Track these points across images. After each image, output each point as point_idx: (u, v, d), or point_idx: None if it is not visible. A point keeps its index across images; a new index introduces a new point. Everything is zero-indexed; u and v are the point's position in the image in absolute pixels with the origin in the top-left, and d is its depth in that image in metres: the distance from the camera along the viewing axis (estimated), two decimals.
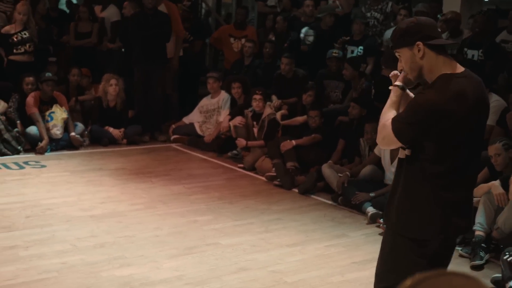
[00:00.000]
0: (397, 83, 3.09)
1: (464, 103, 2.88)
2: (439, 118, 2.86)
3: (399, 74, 3.11)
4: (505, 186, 5.34)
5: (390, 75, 3.16)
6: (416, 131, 2.91)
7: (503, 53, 7.84)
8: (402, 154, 3.07)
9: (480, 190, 5.37)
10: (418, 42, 2.94)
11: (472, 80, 2.98)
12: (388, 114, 3.03)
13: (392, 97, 3.08)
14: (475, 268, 5.12)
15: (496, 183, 5.35)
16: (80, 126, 8.55)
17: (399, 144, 3.00)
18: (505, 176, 5.47)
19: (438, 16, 8.75)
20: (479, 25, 7.65)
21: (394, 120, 2.96)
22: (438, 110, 2.86)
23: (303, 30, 9.08)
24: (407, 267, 3.09)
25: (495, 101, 6.40)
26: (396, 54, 3.07)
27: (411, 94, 3.18)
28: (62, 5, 12.03)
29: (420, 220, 3.02)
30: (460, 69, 2.98)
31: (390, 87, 3.11)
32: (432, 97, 2.88)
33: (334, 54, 8.38)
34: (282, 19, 9.56)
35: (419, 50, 2.95)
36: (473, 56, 7.60)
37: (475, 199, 5.03)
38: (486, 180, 5.58)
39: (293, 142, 7.50)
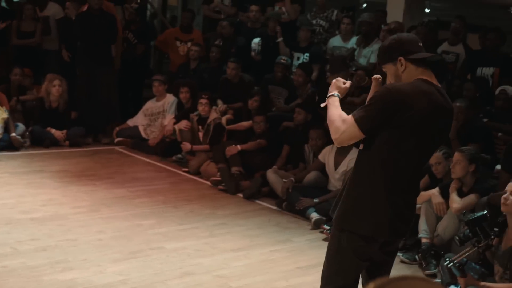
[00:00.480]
0: (333, 92, 3.20)
1: (428, 104, 2.99)
2: (400, 106, 2.96)
3: (380, 78, 3.23)
4: (444, 193, 5.49)
5: (372, 77, 3.26)
6: (379, 117, 2.99)
7: (443, 64, 8.06)
8: (360, 146, 3.17)
9: (420, 198, 5.48)
10: (400, 58, 3.09)
11: (443, 95, 3.10)
12: (338, 112, 3.10)
13: (335, 103, 3.17)
14: (429, 276, 5.24)
15: (436, 192, 5.49)
16: (21, 126, 8.37)
17: (357, 138, 3.05)
18: (445, 184, 5.62)
19: (382, 26, 8.94)
20: (421, 36, 7.81)
21: (357, 111, 3.05)
22: (401, 99, 2.96)
23: (256, 40, 9.08)
24: (351, 269, 3.19)
25: None
26: (383, 70, 3.20)
27: None
28: (1, 2, 11.72)
29: (366, 216, 3.10)
30: (436, 83, 3.12)
31: (322, 105, 3.22)
32: (400, 86, 3.02)
33: (282, 61, 8.43)
34: (229, 24, 9.58)
35: (401, 65, 3.10)
36: None
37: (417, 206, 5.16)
38: (427, 188, 5.72)
39: (239, 147, 7.53)
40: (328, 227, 5.94)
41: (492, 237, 4.17)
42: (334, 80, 3.28)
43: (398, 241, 3.37)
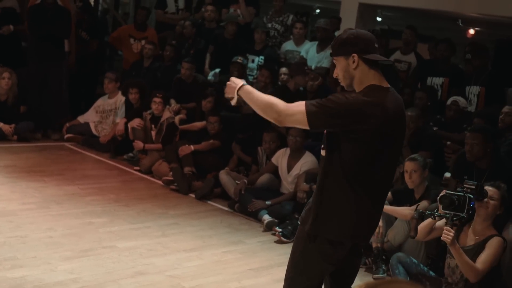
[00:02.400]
0: (240, 83, 3.22)
1: (383, 113, 3.01)
2: (355, 118, 2.98)
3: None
4: (396, 199, 5.60)
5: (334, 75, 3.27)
6: (329, 122, 3.01)
7: (394, 72, 8.22)
8: (323, 152, 3.20)
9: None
10: (353, 54, 3.08)
11: (394, 96, 3.14)
12: (267, 96, 3.14)
13: (252, 89, 3.20)
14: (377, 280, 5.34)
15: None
16: None
17: (301, 126, 3.06)
18: (396, 189, 5.75)
19: (335, 32, 9.06)
20: None
21: (310, 103, 3.03)
22: (356, 110, 2.98)
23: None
24: (316, 271, 3.21)
25: None
26: (334, 61, 3.20)
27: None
28: None
29: (332, 220, 3.12)
30: (387, 84, 3.14)
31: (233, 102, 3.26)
32: (355, 96, 3.03)
33: (238, 60, 8.43)
34: (191, 24, 9.55)
35: (353, 61, 3.08)
36: None
37: None
38: None
39: (192, 147, 7.52)
40: (280, 230, 5.99)
41: (464, 216, 4.19)
42: (228, 83, 3.28)
43: (362, 244, 3.40)
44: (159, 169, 7.63)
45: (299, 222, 3.30)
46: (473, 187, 4.20)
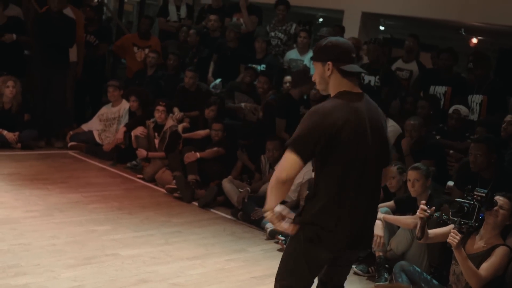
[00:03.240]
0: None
1: (350, 115, 3.12)
2: (329, 126, 3.08)
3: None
4: (399, 207, 5.61)
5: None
6: (312, 142, 3.09)
7: (397, 81, 8.24)
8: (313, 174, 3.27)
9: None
10: (329, 62, 3.20)
11: (365, 101, 3.24)
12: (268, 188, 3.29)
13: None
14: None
15: (380, 224, 5.41)
16: None
17: (299, 165, 3.11)
18: (399, 198, 5.75)
19: None
20: (372, 54, 8.00)
21: (291, 142, 3.15)
22: (321, 118, 3.10)
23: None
24: (301, 271, 3.29)
25: (391, 126, 6.73)
26: (313, 65, 3.33)
27: None
28: None
29: (318, 229, 3.19)
30: (358, 90, 3.26)
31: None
32: (319, 106, 3.18)
33: (254, 66, 8.47)
34: (195, 33, 9.59)
35: (328, 69, 3.21)
36: (370, 81, 7.94)
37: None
38: (381, 201, 5.81)
39: (197, 154, 7.53)
40: (283, 238, 5.99)
41: (472, 225, 4.19)
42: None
43: (355, 252, 3.44)
44: (162, 177, 7.65)
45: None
46: (483, 195, 4.21)
